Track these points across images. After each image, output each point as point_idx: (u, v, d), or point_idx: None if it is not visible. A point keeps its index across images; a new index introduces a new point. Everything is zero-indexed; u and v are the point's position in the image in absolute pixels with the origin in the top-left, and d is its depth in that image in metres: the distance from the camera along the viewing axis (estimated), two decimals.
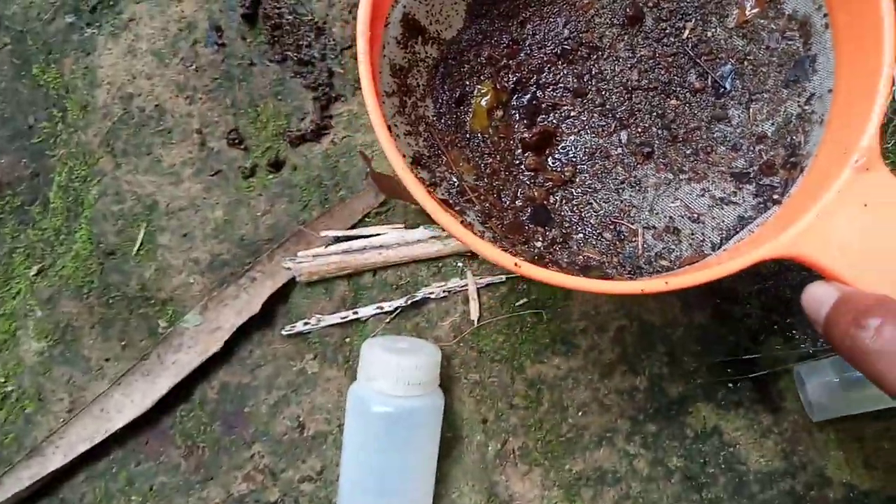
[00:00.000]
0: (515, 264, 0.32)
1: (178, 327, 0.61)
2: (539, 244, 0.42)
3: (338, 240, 0.58)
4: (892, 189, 0.32)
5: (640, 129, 0.44)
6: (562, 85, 0.45)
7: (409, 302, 0.59)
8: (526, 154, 0.45)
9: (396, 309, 0.59)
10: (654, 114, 0.44)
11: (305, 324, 0.58)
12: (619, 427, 0.57)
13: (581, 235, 0.43)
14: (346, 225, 0.58)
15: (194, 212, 0.62)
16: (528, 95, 0.45)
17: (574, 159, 0.45)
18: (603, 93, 0.45)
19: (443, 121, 0.44)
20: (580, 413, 0.57)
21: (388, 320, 0.59)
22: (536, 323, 0.55)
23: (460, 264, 0.60)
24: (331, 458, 0.54)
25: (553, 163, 0.45)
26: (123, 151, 0.63)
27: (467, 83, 0.45)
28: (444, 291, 0.60)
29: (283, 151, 0.64)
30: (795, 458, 0.55)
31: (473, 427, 0.58)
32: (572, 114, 0.45)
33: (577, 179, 0.44)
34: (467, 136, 0.44)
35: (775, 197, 0.39)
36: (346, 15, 0.64)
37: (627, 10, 0.44)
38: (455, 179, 0.41)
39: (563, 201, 0.44)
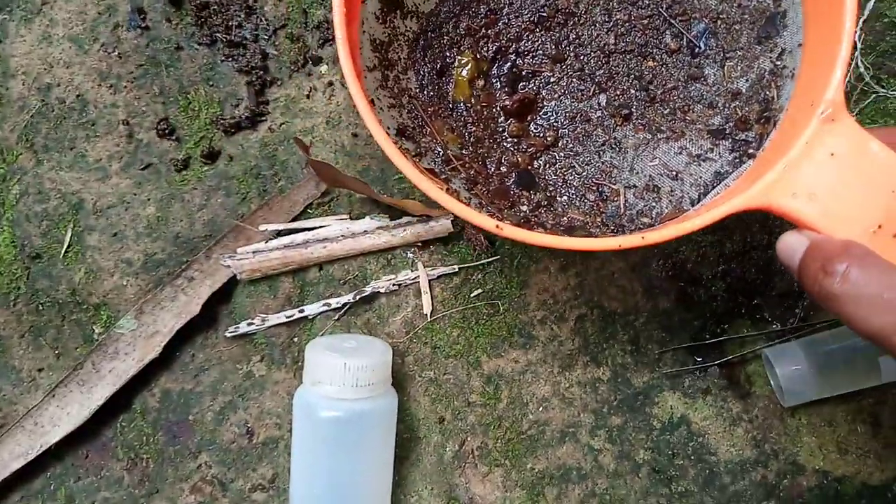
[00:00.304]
0: (497, 226, 0.33)
1: (112, 333, 0.57)
2: (525, 208, 0.42)
3: (279, 234, 0.55)
4: (857, 138, 0.33)
5: (618, 92, 0.45)
6: (540, 52, 0.45)
7: (358, 297, 0.56)
8: (508, 121, 0.45)
9: (345, 305, 0.56)
10: (632, 76, 0.44)
11: (250, 324, 0.56)
12: (582, 421, 0.54)
13: (565, 197, 0.44)
14: (288, 218, 0.56)
15: (124, 209, 0.58)
16: (508, 64, 0.46)
17: (555, 124, 0.46)
18: (581, 58, 0.46)
19: (425, 92, 0.44)
20: (541, 408, 0.54)
21: (336, 317, 0.56)
22: (492, 314, 0.52)
23: (410, 255, 0.56)
24: (283, 465, 0.51)
25: (535, 128, 0.46)
26: (44, 147, 0.58)
27: (448, 55, 0.45)
28: (394, 285, 0.56)
29: (217, 141, 0.59)
30: (767, 445, 0.52)
31: (430, 427, 0.55)
32: (552, 79, 0.46)
33: (560, 143, 0.45)
34: (450, 106, 0.45)
35: (750, 151, 0.40)
36: None
37: None
38: (440, 149, 0.42)
39: (547, 165, 0.45)
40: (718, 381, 0.51)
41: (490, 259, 0.53)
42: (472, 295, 0.53)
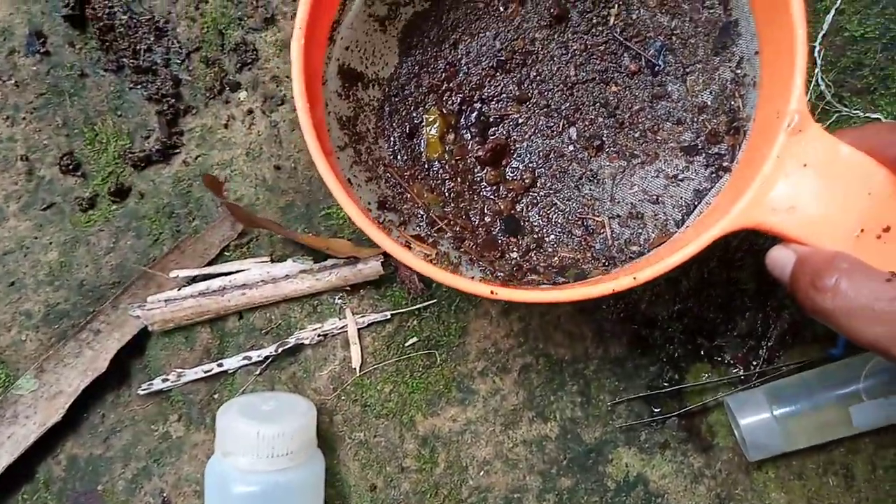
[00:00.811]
0: (491, 292, 0.33)
1: (10, 395, 0.52)
2: (515, 254, 0.43)
3: (193, 280, 0.51)
4: (826, 145, 0.33)
5: (587, 122, 0.45)
6: (504, 95, 0.46)
7: (281, 350, 0.51)
8: (484, 170, 0.46)
9: (267, 359, 0.51)
10: (598, 104, 0.45)
11: (164, 380, 0.52)
12: (528, 485, 0.49)
13: (553, 237, 0.44)
14: (202, 262, 0.52)
15: (23, 255, 0.53)
16: (475, 113, 0.46)
17: (531, 165, 0.46)
18: (545, 94, 0.46)
19: (399, 157, 0.45)
20: (482, 472, 0.49)
21: (258, 372, 0.51)
22: (429, 366, 0.47)
23: (338, 301, 0.51)
24: None
25: (511, 172, 0.46)
26: None
27: (415, 115, 0.46)
28: (319, 335, 0.51)
29: (126, 177, 0.54)
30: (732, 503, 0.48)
31: (361, 495, 0.50)
32: (520, 121, 0.46)
33: (538, 183, 0.46)
34: (425, 166, 0.46)
35: (725, 164, 0.41)
36: (192, 11, 0.54)
37: (551, 10, 0.45)
38: (422, 212, 0.43)
39: (529, 207, 0.45)
40: (678, 434, 0.47)
41: (426, 303, 0.50)
42: (406, 344, 0.49)
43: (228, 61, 0.55)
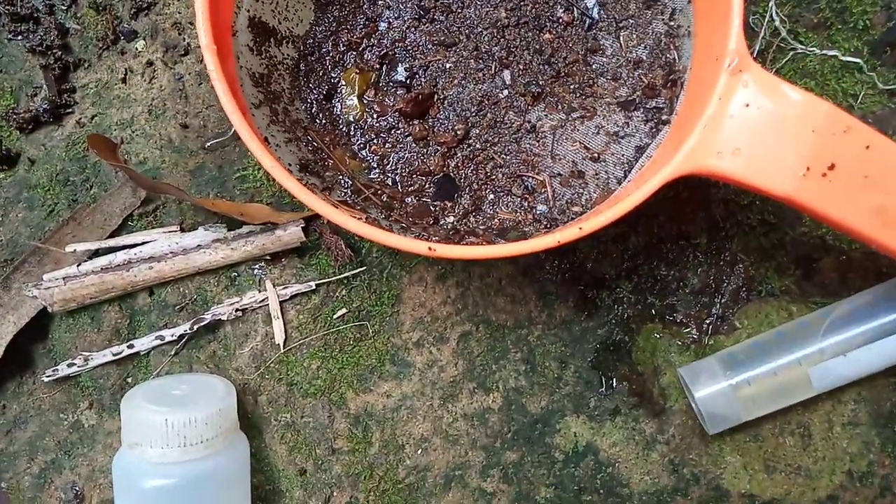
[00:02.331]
0: (429, 248, 0.32)
1: None
2: (451, 218, 0.42)
3: (95, 254, 0.47)
4: (767, 84, 0.33)
5: (521, 67, 0.43)
6: (429, 43, 0.44)
7: (196, 327, 0.46)
8: (410, 124, 0.43)
9: (182, 337, 0.46)
10: (532, 49, 0.43)
11: (71, 365, 0.48)
12: (471, 461, 0.45)
13: (491, 196, 0.42)
14: (103, 234, 0.47)
15: None
16: (399, 66, 0.44)
17: (463, 114, 0.44)
18: (474, 37, 0.44)
19: (318, 121, 0.43)
20: (420, 451, 0.45)
21: (173, 352, 0.46)
22: (359, 339, 0.44)
23: (257, 271, 0.47)
24: None
25: (441, 125, 0.44)
26: None
27: (333, 75, 0.44)
28: (238, 310, 0.46)
29: (14, 141, 0.48)
30: (686, 470, 0.45)
31: (291, 480, 0.46)
32: (447, 66, 0.44)
33: (471, 135, 0.43)
34: (345, 129, 0.44)
35: (664, 118, 0.41)
36: None
37: None
38: (348, 179, 0.41)
39: (464, 163, 0.43)
40: (628, 400, 0.44)
41: (355, 271, 0.46)
42: (334, 316, 0.45)
43: (122, 6, 0.49)
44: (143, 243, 0.46)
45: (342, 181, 0.41)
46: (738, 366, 0.43)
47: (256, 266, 0.47)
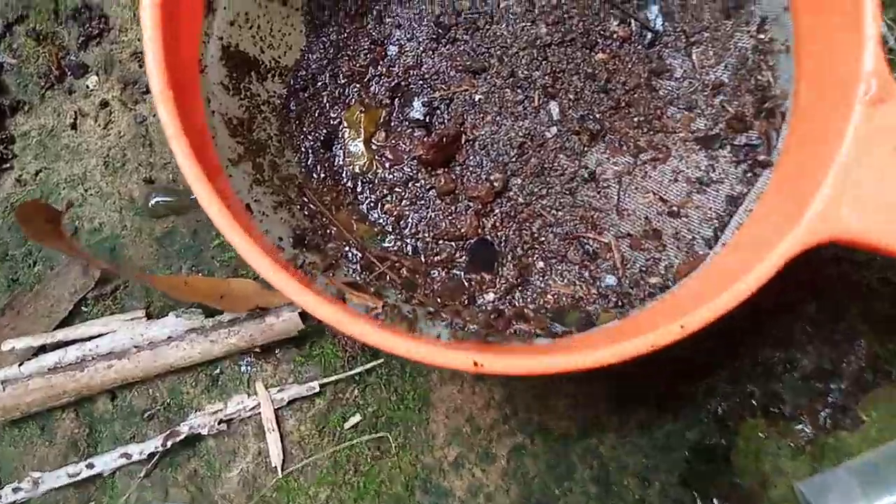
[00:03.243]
0: (475, 363, 0.27)
1: None
2: (491, 296, 0.37)
3: (41, 350, 0.40)
4: None
5: (572, 96, 0.39)
6: (451, 70, 0.39)
7: (170, 443, 0.37)
8: (433, 175, 0.39)
9: (152, 455, 0.38)
10: (582, 73, 0.39)
11: (17, 490, 0.40)
12: None
13: (541, 265, 0.38)
14: (49, 324, 0.40)
15: None
16: (415, 100, 0.40)
17: (500, 159, 0.39)
18: (508, 60, 0.39)
19: (315, 175, 0.39)
20: None
21: (143, 473, 0.40)
22: (379, 457, 0.39)
23: (245, 368, 0.39)
24: None
25: (471, 174, 0.39)
26: None
27: (332, 114, 0.39)
28: (222, 421, 0.37)
29: None
30: None
31: None
32: (476, 97, 0.39)
33: (512, 186, 0.39)
34: (350, 184, 0.39)
35: (761, 158, 0.36)
36: None
37: None
38: (355, 251, 0.37)
39: (504, 223, 0.38)
40: None
41: (370, 364, 0.39)
42: (345, 426, 0.39)
43: (68, 34, 0.42)
44: (99, 335, 0.39)
45: (349, 254, 0.36)
46: (881, 482, 0.35)
47: (244, 361, 0.40)
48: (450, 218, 0.38)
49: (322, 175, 0.39)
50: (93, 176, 0.41)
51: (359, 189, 0.39)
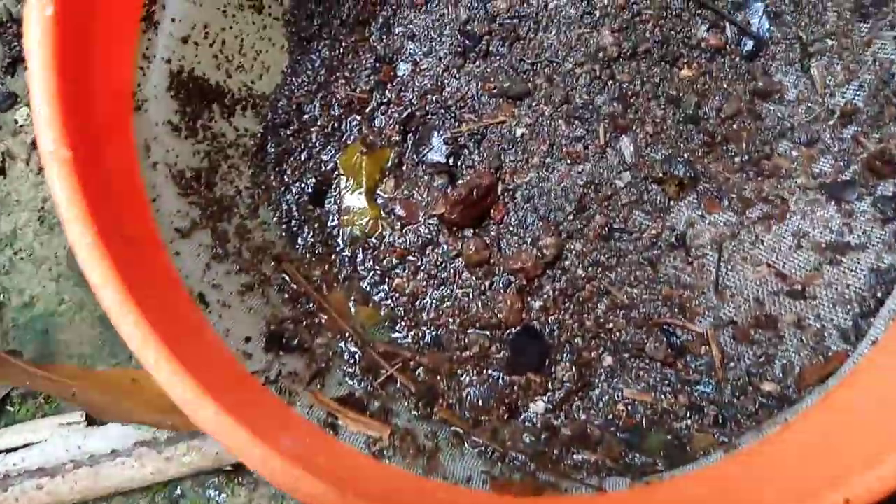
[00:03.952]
0: None
1: None
2: (541, 406, 0.31)
3: None
4: None
5: (650, 129, 0.32)
6: (483, 94, 0.33)
7: None
8: (459, 238, 0.32)
9: None
10: (663, 97, 0.32)
11: None
12: None
13: (609, 361, 0.31)
14: None
15: None
16: (435, 136, 0.33)
17: (550, 216, 0.32)
18: (560, 80, 0.32)
19: (300, 241, 0.32)
20: None
21: None
22: None
23: (212, 493, 0.30)
24: None
25: (513, 236, 0.32)
26: None
27: (323, 157, 0.33)
28: None
29: None
30: None
31: None
32: (518, 132, 0.33)
33: (568, 254, 0.33)
34: (347, 252, 0.32)
35: None
36: None
37: None
38: (354, 346, 0.30)
39: (556, 305, 0.32)
40: None
41: None
42: None
43: None
44: (26, 445, 0.34)
45: (344, 352, 0.30)
46: None
47: (209, 484, 0.33)
48: (483, 298, 0.32)
49: (309, 241, 0.33)
50: (24, 235, 0.35)
51: (359, 259, 0.32)
